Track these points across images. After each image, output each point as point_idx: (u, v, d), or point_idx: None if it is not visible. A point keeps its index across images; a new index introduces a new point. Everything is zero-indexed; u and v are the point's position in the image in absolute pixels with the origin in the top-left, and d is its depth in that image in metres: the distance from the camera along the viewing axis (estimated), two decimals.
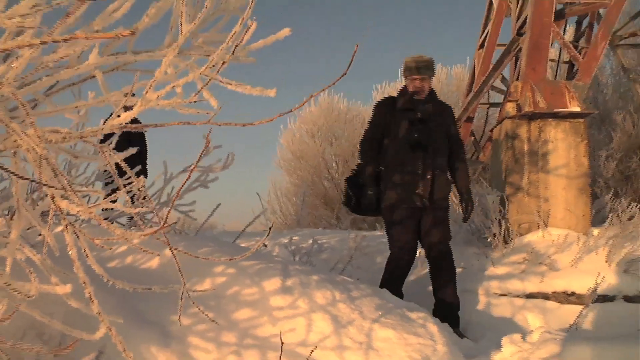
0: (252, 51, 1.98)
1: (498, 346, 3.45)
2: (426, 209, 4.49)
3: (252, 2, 1.54)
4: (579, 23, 8.66)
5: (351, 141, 14.40)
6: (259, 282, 2.93)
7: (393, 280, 4.49)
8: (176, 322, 2.68)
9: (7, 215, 2.71)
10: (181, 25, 1.39)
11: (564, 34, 8.41)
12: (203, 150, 2.10)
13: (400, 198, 4.47)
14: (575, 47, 7.84)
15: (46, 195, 1.58)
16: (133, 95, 1.49)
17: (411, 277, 5.29)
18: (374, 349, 2.66)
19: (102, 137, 1.45)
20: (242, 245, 4.64)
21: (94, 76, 1.98)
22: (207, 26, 2.15)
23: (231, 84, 1.39)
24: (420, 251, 4.82)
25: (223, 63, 1.26)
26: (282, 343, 2.10)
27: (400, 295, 4.40)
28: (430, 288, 4.65)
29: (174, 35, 2.42)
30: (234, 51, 1.26)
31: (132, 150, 1.73)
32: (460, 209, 4.78)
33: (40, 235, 2.88)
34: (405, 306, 3.26)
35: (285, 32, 1.90)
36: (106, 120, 1.43)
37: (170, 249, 1.85)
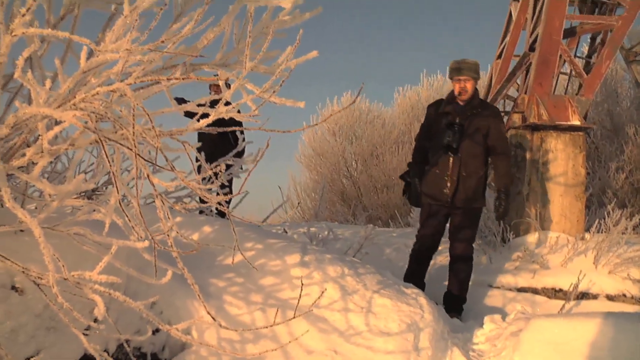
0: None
1: (482, 325, 4.02)
2: (454, 208, 4.90)
3: (297, 41, 2.13)
4: (593, 39, 9.01)
5: (371, 141, 14.78)
6: (282, 257, 3.55)
7: (413, 266, 5.04)
8: (214, 284, 3.30)
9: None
10: (247, 56, 1.96)
11: (576, 50, 8.88)
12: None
13: (430, 196, 4.93)
14: (588, 63, 8.32)
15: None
16: (204, 105, 2.10)
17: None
18: (372, 312, 3.29)
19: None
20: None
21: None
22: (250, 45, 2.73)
23: (276, 100, 1.98)
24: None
25: (274, 91, 1.85)
26: (297, 303, 2.69)
27: (421, 283, 4.95)
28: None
29: (224, 52, 3.05)
30: (282, 83, 1.85)
31: (198, 144, 2.33)
32: (494, 207, 5.14)
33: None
34: (402, 284, 3.88)
35: (314, 54, 2.48)
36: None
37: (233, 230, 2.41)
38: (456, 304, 4.93)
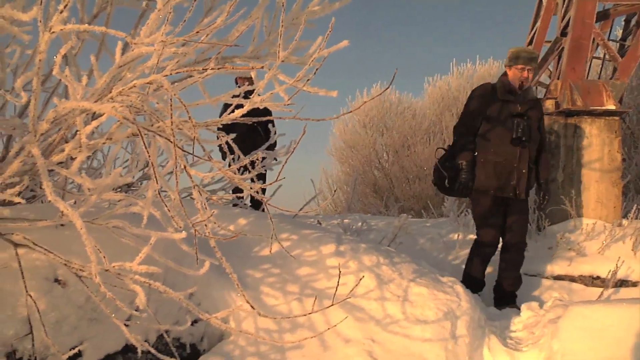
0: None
1: (519, 313, 3.99)
2: (511, 199, 4.76)
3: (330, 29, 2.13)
4: (627, 21, 8.80)
5: (402, 132, 14.72)
6: (318, 247, 3.57)
7: (476, 261, 4.84)
8: (250, 275, 3.33)
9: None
10: (279, 45, 1.97)
11: (610, 33, 8.69)
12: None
13: (493, 187, 4.70)
14: (622, 46, 8.14)
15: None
16: (238, 96, 2.12)
17: None
18: (409, 301, 3.29)
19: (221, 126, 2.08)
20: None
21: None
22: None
23: (310, 90, 1.99)
24: None
25: (308, 80, 1.86)
26: (335, 292, 2.70)
27: (482, 277, 4.84)
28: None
29: (255, 45, 3.07)
30: (316, 71, 1.86)
31: (232, 136, 2.36)
32: (537, 197, 5.07)
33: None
34: (438, 272, 3.87)
35: (345, 43, 2.48)
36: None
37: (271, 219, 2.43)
38: (507, 296, 4.80)
